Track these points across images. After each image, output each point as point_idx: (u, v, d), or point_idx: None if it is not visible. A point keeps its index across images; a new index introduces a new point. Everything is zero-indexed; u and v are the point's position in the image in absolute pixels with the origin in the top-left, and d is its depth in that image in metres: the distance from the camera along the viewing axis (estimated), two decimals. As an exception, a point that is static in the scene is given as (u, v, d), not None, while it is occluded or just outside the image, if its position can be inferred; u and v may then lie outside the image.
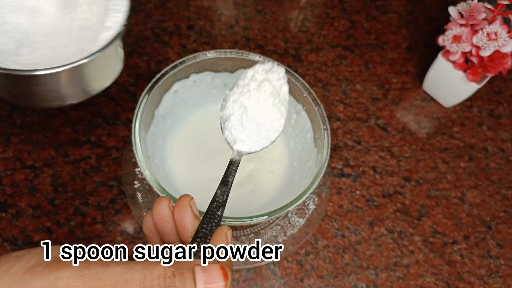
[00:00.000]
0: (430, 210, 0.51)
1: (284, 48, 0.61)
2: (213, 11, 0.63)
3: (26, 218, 0.44)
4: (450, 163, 0.55)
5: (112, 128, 0.51)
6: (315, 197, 0.48)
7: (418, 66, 0.62)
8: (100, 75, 0.41)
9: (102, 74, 0.41)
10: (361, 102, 0.58)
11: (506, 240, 0.51)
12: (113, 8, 0.39)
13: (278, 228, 0.45)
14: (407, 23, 0.67)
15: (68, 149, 0.49)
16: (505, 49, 0.49)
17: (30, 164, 0.47)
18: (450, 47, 0.52)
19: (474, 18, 0.50)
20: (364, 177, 0.52)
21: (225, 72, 0.47)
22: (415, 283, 0.47)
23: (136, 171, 0.46)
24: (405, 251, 0.48)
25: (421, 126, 0.58)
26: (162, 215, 0.27)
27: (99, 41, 0.38)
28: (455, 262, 0.48)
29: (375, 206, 0.51)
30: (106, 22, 0.38)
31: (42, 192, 0.46)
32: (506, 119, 0.60)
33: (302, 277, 0.45)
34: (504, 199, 0.53)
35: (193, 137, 0.49)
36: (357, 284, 0.46)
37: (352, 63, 0.61)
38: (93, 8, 0.42)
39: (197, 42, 0.59)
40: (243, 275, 0.45)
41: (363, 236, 0.49)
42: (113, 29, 0.38)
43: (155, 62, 0.57)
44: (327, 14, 0.66)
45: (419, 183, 0.53)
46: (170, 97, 0.46)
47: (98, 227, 0.45)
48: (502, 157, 0.57)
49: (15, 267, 0.22)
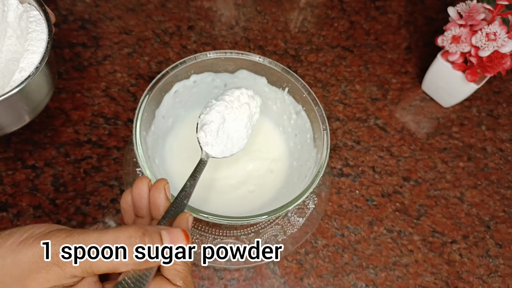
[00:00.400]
0: (429, 209, 0.52)
1: (284, 49, 0.61)
2: (213, 11, 0.63)
3: (27, 218, 0.45)
4: (449, 163, 0.55)
5: (113, 128, 0.51)
6: (314, 197, 0.48)
7: (418, 66, 0.63)
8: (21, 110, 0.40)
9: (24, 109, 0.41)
10: (360, 102, 0.58)
11: (505, 240, 0.51)
12: (29, 48, 0.38)
13: (278, 228, 0.46)
14: (406, 24, 0.67)
15: (69, 149, 0.49)
16: (504, 50, 0.49)
17: (31, 164, 0.47)
18: (449, 48, 0.52)
19: (473, 19, 0.50)
20: (364, 177, 0.53)
21: (225, 73, 0.48)
22: (414, 283, 0.47)
23: (136, 171, 0.46)
24: (404, 251, 0.48)
25: (420, 126, 0.58)
26: (141, 191, 0.31)
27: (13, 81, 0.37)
28: (454, 261, 0.49)
29: (375, 206, 0.51)
30: (21, 63, 0.38)
31: (43, 192, 0.46)
32: (505, 119, 0.60)
33: (302, 276, 0.46)
34: (503, 199, 0.54)
35: (194, 137, 0.49)
36: (356, 283, 0.46)
37: (352, 64, 0.62)
38: (21, 41, 0.41)
39: (198, 43, 0.60)
40: (243, 274, 0.45)
41: (362, 235, 0.49)
42: (26, 71, 0.37)
43: (156, 62, 0.57)
44: (327, 15, 0.66)
45: (418, 183, 0.53)
46: (171, 97, 0.46)
47: (99, 226, 0.45)
48: (501, 157, 0.57)
49: (9, 241, 0.24)
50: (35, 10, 0.40)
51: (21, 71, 0.37)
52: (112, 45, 0.57)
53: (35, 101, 0.41)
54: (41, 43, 0.38)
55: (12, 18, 0.41)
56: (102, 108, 0.52)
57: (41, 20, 0.40)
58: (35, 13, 0.40)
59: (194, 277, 0.44)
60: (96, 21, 0.59)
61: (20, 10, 0.41)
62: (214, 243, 0.44)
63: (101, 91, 0.53)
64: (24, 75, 0.37)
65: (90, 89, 0.53)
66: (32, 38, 0.38)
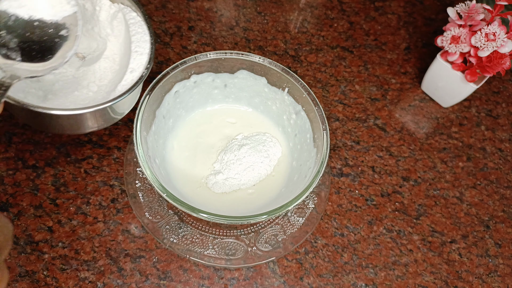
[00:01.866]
0: (428, 209, 0.52)
1: (284, 49, 0.62)
2: (214, 12, 0.63)
3: (28, 218, 0.45)
4: (448, 163, 0.55)
5: (114, 128, 0.51)
6: (314, 197, 0.48)
7: (417, 66, 0.63)
8: (121, 110, 0.43)
9: (123, 109, 0.43)
10: (360, 102, 0.59)
11: (505, 240, 0.51)
12: (137, 50, 0.41)
13: (278, 227, 0.46)
14: (406, 24, 0.67)
15: (70, 149, 0.49)
16: (503, 50, 0.49)
17: (32, 164, 0.48)
18: (449, 48, 0.52)
19: (472, 19, 0.50)
20: (363, 176, 0.53)
21: (225, 73, 0.48)
22: (413, 282, 0.47)
23: (137, 170, 0.47)
24: (403, 250, 0.49)
25: (419, 126, 0.58)
26: None
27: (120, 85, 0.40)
28: (453, 261, 0.49)
29: (374, 206, 0.51)
30: (130, 64, 0.40)
31: (43, 192, 0.46)
32: (504, 119, 0.60)
33: (302, 276, 0.46)
34: (502, 199, 0.54)
35: (194, 137, 0.49)
36: (356, 282, 0.46)
37: (351, 64, 0.62)
38: (119, 41, 0.43)
39: (198, 43, 0.60)
40: (243, 274, 0.45)
41: (362, 235, 0.49)
42: (136, 71, 0.40)
43: (156, 62, 0.57)
44: (327, 15, 0.66)
45: (417, 182, 0.53)
46: (171, 98, 0.46)
47: (99, 226, 0.45)
48: (501, 157, 0.57)
49: None
50: (133, 11, 0.42)
51: (132, 71, 0.40)
52: (113, 46, 0.57)
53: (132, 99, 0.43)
54: (146, 44, 0.41)
55: (104, 17, 0.43)
56: (103, 108, 0.52)
57: (141, 22, 0.42)
58: (133, 15, 0.42)
59: (194, 276, 0.44)
60: (96, 21, 0.59)
61: (113, 10, 0.43)
62: (214, 242, 0.44)
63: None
64: (136, 75, 0.39)
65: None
66: (138, 39, 0.41)
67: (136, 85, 0.39)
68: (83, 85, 0.42)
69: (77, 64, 0.43)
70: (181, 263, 0.45)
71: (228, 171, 0.46)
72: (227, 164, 0.46)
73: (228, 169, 0.46)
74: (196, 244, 0.44)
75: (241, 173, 0.46)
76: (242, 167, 0.46)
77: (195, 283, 0.44)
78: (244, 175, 0.46)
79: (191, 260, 0.44)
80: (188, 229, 0.44)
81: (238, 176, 0.46)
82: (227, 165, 0.46)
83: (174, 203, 0.38)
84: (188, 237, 0.44)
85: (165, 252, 0.45)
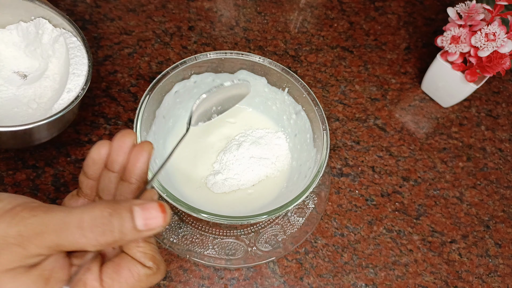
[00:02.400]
0: (428, 209, 0.52)
1: (284, 49, 0.62)
2: (214, 12, 0.63)
3: (28, 218, 0.45)
4: (448, 163, 0.56)
5: (114, 128, 0.51)
6: (314, 197, 0.48)
7: (417, 66, 0.63)
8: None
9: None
10: (360, 102, 0.59)
11: (505, 240, 0.51)
12: (74, 72, 0.44)
13: (278, 227, 0.46)
14: (406, 24, 0.67)
15: (70, 149, 0.49)
16: (503, 50, 0.49)
17: (32, 164, 0.48)
18: (449, 48, 0.52)
19: (472, 19, 0.50)
20: (363, 176, 0.53)
21: (225, 73, 0.48)
22: (413, 282, 0.47)
23: (137, 170, 0.46)
24: (403, 250, 0.49)
25: (419, 126, 0.58)
26: (123, 144, 0.28)
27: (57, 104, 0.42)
28: (453, 261, 0.49)
29: (374, 206, 0.51)
30: (68, 84, 0.43)
31: (43, 192, 0.46)
32: (504, 119, 0.60)
33: (302, 276, 0.46)
34: (502, 199, 0.54)
35: (194, 137, 0.49)
36: (356, 282, 0.46)
37: (351, 64, 0.62)
38: (61, 63, 0.47)
39: (198, 43, 0.60)
40: (243, 274, 0.45)
41: (362, 235, 0.49)
42: (73, 91, 0.43)
43: (156, 62, 0.57)
44: (327, 15, 0.66)
45: (417, 182, 0.53)
46: (171, 98, 0.46)
47: (99, 226, 0.45)
48: (500, 157, 0.57)
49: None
50: (73, 36, 0.46)
51: (69, 91, 0.43)
52: (113, 46, 0.57)
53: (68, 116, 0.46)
54: (84, 67, 0.44)
55: (46, 40, 0.46)
56: (103, 108, 0.52)
57: (80, 46, 0.46)
58: (74, 39, 0.46)
59: (194, 276, 0.44)
60: (96, 21, 0.59)
61: (55, 34, 0.46)
62: (214, 242, 0.44)
63: (102, 91, 0.54)
64: (72, 95, 0.43)
65: (90, 89, 0.53)
66: (76, 62, 0.45)
67: (72, 104, 0.42)
68: (23, 102, 0.46)
69: (19, 83, 0.47)
70: (181, 263, 0.45)
71: (227, 172, 0.46)
72: (226, 165, 0.46)
73: (227, 170, 0.46)
74: (196, 244, 0.44)
75: (240, 174, 0.46)
76: (241, 168, 0.46)
77: (195, 283, 0.44)
78: (243, 176, 0.46)
79: (191, 260, 0.44)
80: (188, 229, 0.44)
81: (237, 176, 0.46)
82: (226, 165, 0.46)
83: (174, 203, 0.38)
84: (188, 237, 0.44)
85: (165, 252, 0.45)
